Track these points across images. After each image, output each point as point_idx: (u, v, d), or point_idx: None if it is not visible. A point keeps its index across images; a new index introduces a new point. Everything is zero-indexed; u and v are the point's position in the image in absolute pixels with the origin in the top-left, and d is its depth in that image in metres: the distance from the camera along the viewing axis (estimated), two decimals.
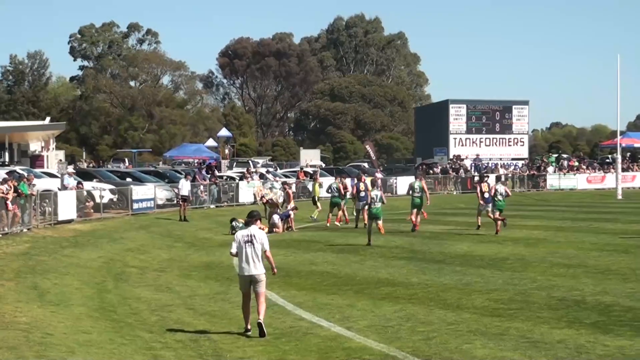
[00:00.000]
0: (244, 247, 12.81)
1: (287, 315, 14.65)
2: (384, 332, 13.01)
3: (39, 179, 32.04)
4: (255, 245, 12.78)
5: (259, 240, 12.82)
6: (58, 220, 27.99)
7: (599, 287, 16.57)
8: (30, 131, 52.86)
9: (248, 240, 12.82)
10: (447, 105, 66.31)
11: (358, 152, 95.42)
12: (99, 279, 19.24)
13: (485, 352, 11.49)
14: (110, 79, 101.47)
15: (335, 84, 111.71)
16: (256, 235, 12.85)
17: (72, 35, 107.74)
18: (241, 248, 12.84)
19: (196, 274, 20.58)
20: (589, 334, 12.34)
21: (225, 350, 12.09)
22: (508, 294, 16.07)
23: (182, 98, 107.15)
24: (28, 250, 21.85)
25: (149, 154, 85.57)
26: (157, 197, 35.83)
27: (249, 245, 12.79)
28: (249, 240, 12.82)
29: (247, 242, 12.81)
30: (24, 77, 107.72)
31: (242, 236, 12.93)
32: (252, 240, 12.81)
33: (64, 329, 12.94)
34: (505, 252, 22.66)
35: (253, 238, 12.81)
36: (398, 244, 25.42)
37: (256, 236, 12.83)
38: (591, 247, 23.52)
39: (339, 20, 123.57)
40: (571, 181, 58.92)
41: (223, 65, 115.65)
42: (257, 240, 12.80)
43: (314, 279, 18.93)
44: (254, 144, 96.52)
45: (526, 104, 68.11)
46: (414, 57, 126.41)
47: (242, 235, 12.96)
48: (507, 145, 66.60)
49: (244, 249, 12.80)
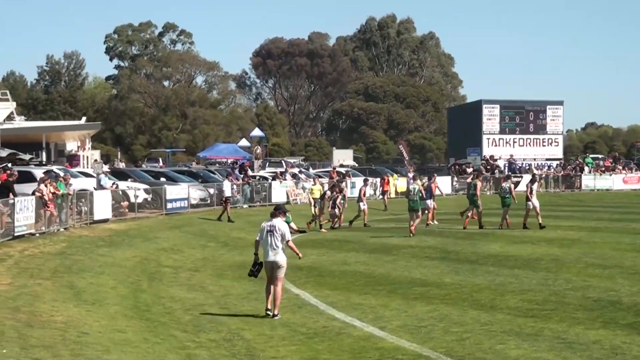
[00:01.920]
0: (266, 236, 14.40)
1: (320, 315, 14.69)
2: (417, 332, 12.99)
3: (75, 178, 32.33)
4: (275, 235, 14.33)
5: (280, 231, 14.34)
6: (94, 220, 28.24)
7: (635, 287, 16.41)
8: (67, 131, 53.48)
9: (270, 231, 14.40)
10: (480, 105, 65.91)
11: (391, 152, 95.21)
12: (133, 278, 19.40)
13: (520, 352, 11.43)
14: (144, 79, 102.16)
15: (369, 84, 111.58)
16: (277, 226, 14.39)
17: (108, 35, 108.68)
18: (264, 237, 14.42)
19: (229, 273, 20.67)
20: (624, 335, 12.23)
21: (258, 350, 12.14)
22: (542, 294, 15.97)
23: (216, 98, 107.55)
24: (64, 250, 22.08)
25: (182, 154, 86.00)
26: (191, 196, 35.99)
27: (270, 235, 14.36)
28: (270, 230, 14.39)
29: (269, 232, 14.39)
30: (61, 77, 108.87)
31: (266, 226, 14.52)
32: (273, 230, 14.36)
33: (100, 328, 13.07)
34: (539, 253, 22.49)
35: (274, 229, 14.37)
36: (431, 244, 25.34)
37: (277, 227, 14.38)
38: (628, 247, 23.27)
39: (372, 20, 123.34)
40: (607, 182, 58.24)
41: (256, 65, 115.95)
42: (278, 231, 14.33)
43: (347, 279, 18.94)
44: (286, 143, 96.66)
45: (561, 104, 67.49)
46: (448, 58, 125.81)
47: (266, 225, 14.54)
48: (541, 146, 66.02)
49: (267, 238, 14.40)
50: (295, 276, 19.08)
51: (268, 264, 14.54)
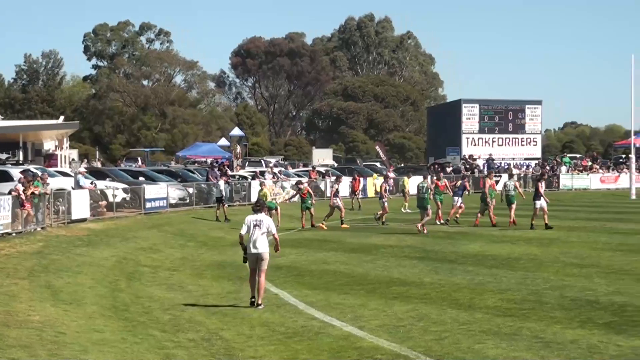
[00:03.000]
0: (253, 229, 15.19)
1: (299, 315, 14.67)
2: (396, 331, 13.00)
3: (52, 177, 32.13)
4: (262, 228, 15.16)
5: (266, 224, 15.23)
6: (71, 219, 28.07)
7: (612, 287, 16.51)
8: (44, 130, 53.07)
9: (256, 224, 15.21)
10: (459, 104, 66.26)
11: (370, 151, 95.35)
12: (111, 278, 19.30)
13: (498, 352, 11.46)
14: (123, 79, 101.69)
15: (348, 84, 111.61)
16: (263, 220, 15.28)
17: (87, 34, 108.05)
18: (251, 231, 15.21)
19: (208, 273, 20.61)
20: (602, 334, 12.30)
21: (237, 350, 12.10)
22: (521, 293, 16.03)
23: (195, 97, 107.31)
24: (41, 249, 21.93)
25: (161, 153, 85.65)
26: (170, 196, 35.91)
27: (257, 228, 15.17)
28: (257, 224, 15.22)
29: (256, 226, 15.21)
30: (38, 76, 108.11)
31: (252, 220, 15.31)
32: (259, 224, 15.20)
33: (77, 328, 12.99)
34: (518, 252, 22.60)
35: (261, 222, 15.23)
36: (410, 244, 25.40)
37: (263, 221, 15.26)
38: (604, 247, 23.43)
39: (351, 20, 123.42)
40: (584, 181, 58.70)
41: (235, 65, 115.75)
42: (264, 225, 15.19)
43: (326, 279, 18.93)
44: (266, 143, 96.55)
45: (539, 103, 67.97)
46: (428, 58, 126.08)
47: (252, 219, 15.32)
48: (519, 145, 66.47)
49: (253, 231, 15.19)
50: (275, 275, 19.06)
51: (253, 256, 15.21)
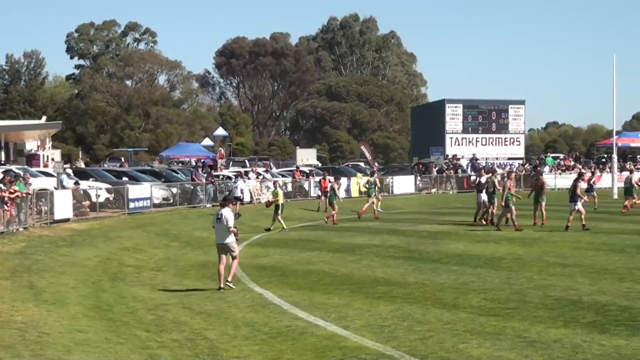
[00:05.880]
0: (217, 223, 17.45)
1: (283, 315, 14.65)
2: (380, 331, 13.00)
3: (35, 178, 31.96)
4: (222, 222, 17.24)
5: (225, 218, 17.23)
6: (54, 220, 27.94)
7: (595, 286, 16.58)
8: (27, 130, 52.74)
9: (218, 218, 17.41)
10: (443, 104, 66.35)
11: (354, 151, 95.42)
12: (95, 278, 19.22)
13: (482, 351, 11.49)
14: (106, 78, 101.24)
15: (332, 84, 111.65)
16: (224, 214, 17.31)
17: (69, 34, 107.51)
18: (215, 224, 17.52)
19: (192, 273, 20.57)
20: (585, 334, 12.34)
21: (221, 350, 12.08)
22: (504, 293, 16.08)
23: (179, 97, 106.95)
24: (24, 250, 21.81)
25: (145, 153, 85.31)
26: (154, 196, 35.79)
27: (219, 222, 17.37)
28: (219, 218, 17.39)
29: (218, 219, 17.43)
30: (20, 76, 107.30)
31: (215, 215, 17.63)
32: (220, 218, 17.32)
33: (60, 328, 12.92)
34: (501, 252, 22.67)
35: (222, 216, 17.31)
36: (394, 244, 25.42)
37: (223, 215, 17.29)
38: (587, 246, 23.52)
39: (334, 20, 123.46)
40: (567, 181, 58.79)
41: (219, 65, 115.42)
42: (224, 219, 17.23)
43: (311, 279, 18.93)
44: (250, 143, 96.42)
45: (522, 103, 68.17)
46: (410, 57, 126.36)
47: (215, 214, 17.64)
48: (503, 145, 66.66)
49: (217, 225, 17.43)
50: (259, 275, 19.04)
51: (219, 246, 17.48)
